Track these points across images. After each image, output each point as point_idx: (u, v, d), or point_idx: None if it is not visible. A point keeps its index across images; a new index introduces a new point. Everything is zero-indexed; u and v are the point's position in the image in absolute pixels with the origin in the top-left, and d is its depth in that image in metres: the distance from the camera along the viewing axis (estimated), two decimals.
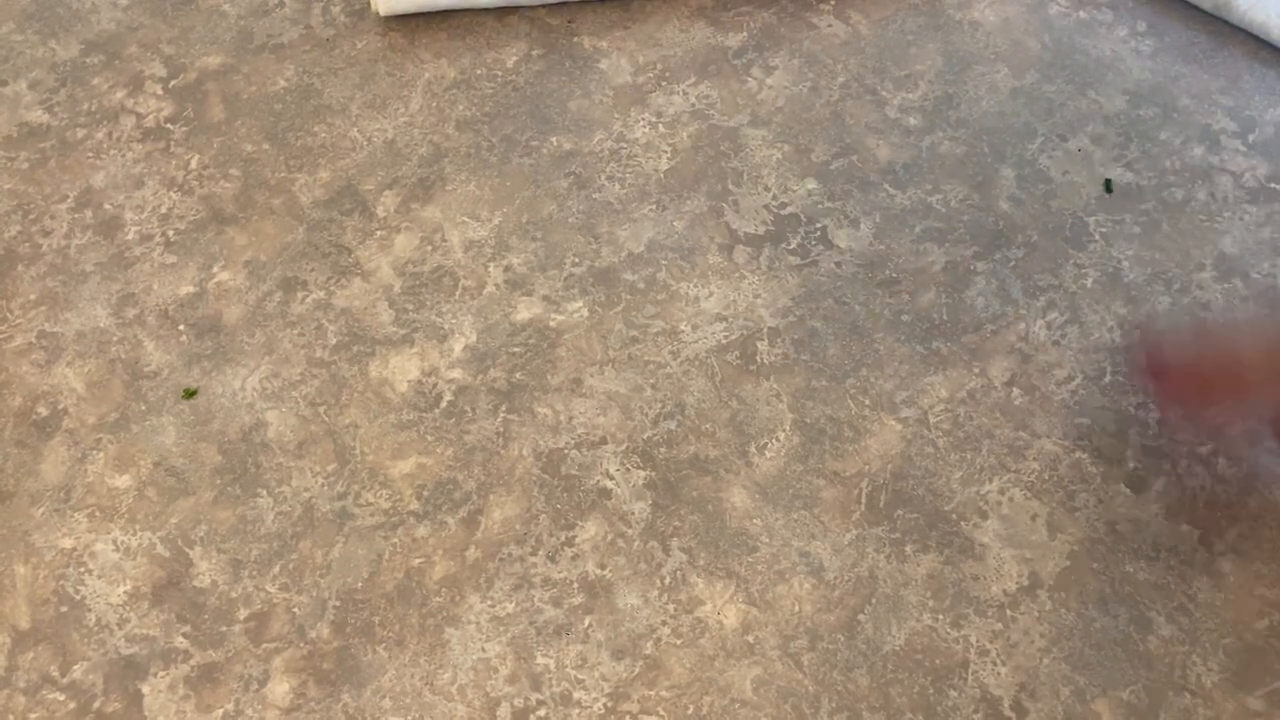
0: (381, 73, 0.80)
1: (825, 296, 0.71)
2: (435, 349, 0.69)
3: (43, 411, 0.67)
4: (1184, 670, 0.59)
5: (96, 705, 0.59)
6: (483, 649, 0.60)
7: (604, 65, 0.80)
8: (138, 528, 0.64)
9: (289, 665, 0.60)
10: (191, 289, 0.71)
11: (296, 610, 0.61)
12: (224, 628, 0.61)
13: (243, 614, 0.61)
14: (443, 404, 0.67)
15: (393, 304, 0.71)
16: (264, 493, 0.65)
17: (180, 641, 0.60)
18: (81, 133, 0.78)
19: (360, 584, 0.62)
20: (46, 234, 0.74)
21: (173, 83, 0.80)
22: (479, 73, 0.80)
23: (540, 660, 0.60)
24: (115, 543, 0.63)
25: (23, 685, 0.59)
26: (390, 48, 0.82)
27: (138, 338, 0.70)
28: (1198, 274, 0.71)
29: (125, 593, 0.62)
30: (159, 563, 0.63)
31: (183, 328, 0.70)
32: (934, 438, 0.66)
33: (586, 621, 0.61)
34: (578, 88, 0.79)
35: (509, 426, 0.66)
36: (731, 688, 0.59)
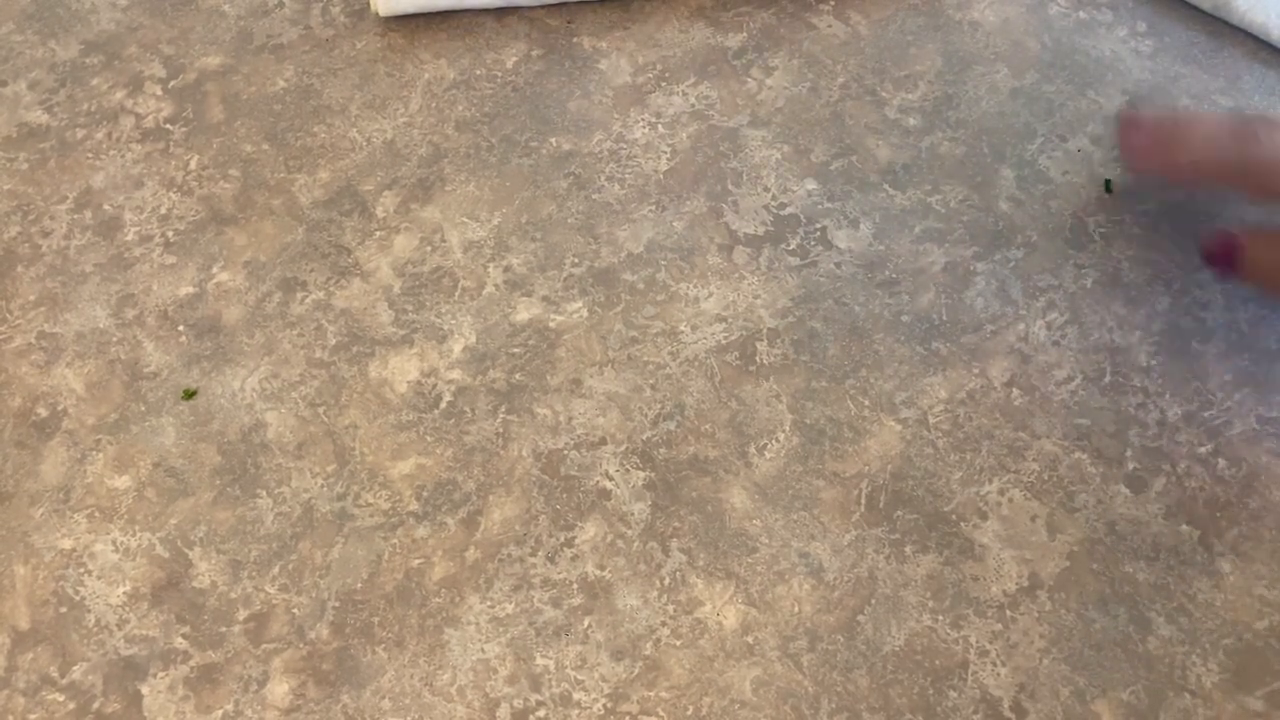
0: (381, 73, 0.80)
1: (825, 297, 0.71)
2: (435, 350, 0.69)
3: (42, 412, 0.67)
4: (1184, 670, 0.59)
5: (96, 706, 0.59)
6: (482, 650, 0.60)
7: (603, 66, 0.81)
8: (137, 528, 0.64)
9: (288, 666, 0.60)
10: (191, 289, 0.71)
11: (296, 611, 0.61)
12: (223, 628, 0.61)
13: (242, 615, 0.61)
14: (442, 405, 0.67)
15: (392, 304, 0.71)
16: (263, 493, 0.65)
17: (180, 642, 0.60)
18: (81, 133, 0.78)
19: (360, 585, 0.62)
20: (46, 235, 0.74)
21: (172, 83, 0.80)
22: (478, 73, 0.80)
23: (540, 661, 0.60)
24: (115, 543, 0.63)
25: (22, 686, 0.59)
26: (390, 48, 0.82)
27: (137, 338, 0.70)
28: (1198, 274, 0.71)
29: (125, 593, 0.62)
30: (158, 563, 0.63)
31: (182, 328, 0.70)
32: (934, 438, 0.66)
33: (586, 622, 0.61)
34: (577, 88, 0.79)
35: (508, 427, 0.66)
36: (731, 688, 0.59)
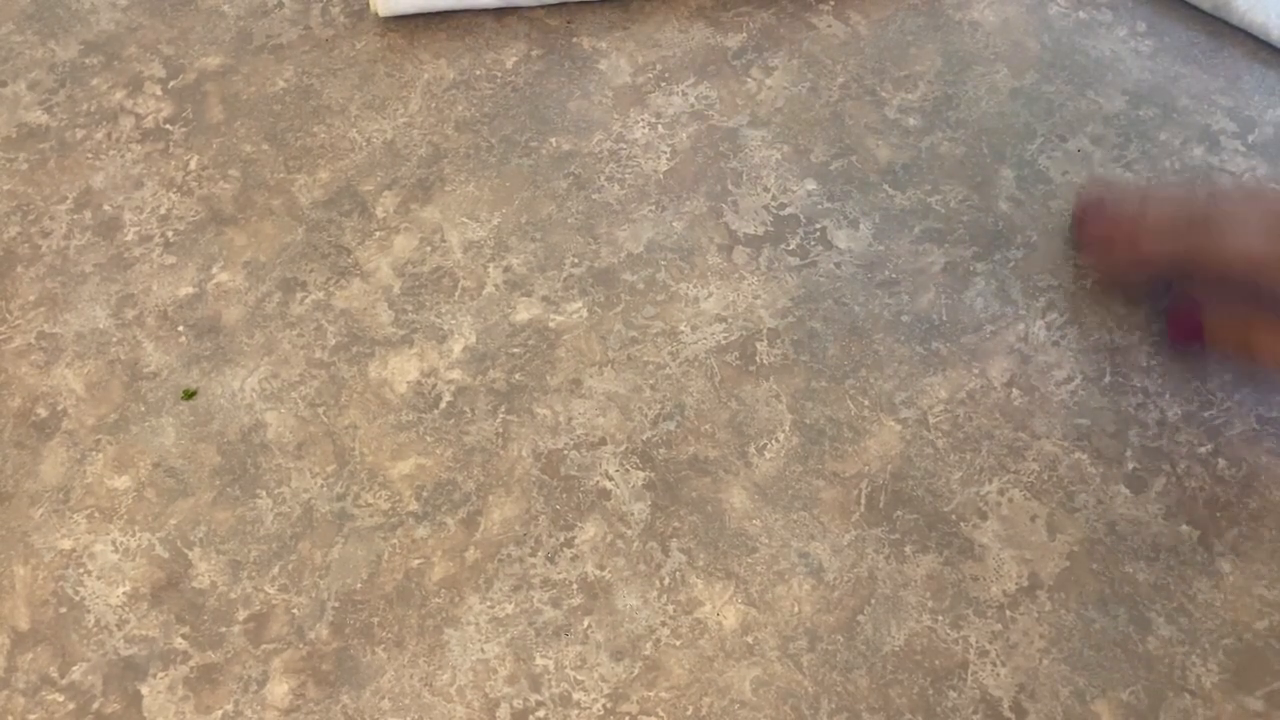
0: (381, 73, 0.80)
1: (825, 297, 0.71)
2: (434, 350, 0.69)
3: (42, 412, 0.67)
4: (1184, 670, 0.59)
5: (96, 706, 0.59)
6: (482, 650, 0.60)
7: (603, 66, 0.80)
8: (137, 529, 0.64)
9: (288, 666, 0.60)
10: (191, 290, 0.71)
11: (296, 611, 0.61)
12: (223, 629, 0.61)
13: (242, 615, 0.61)
14: (442, 405, 0.67)
15: (392, 304, 0.71)
16: (263, 494, 0.65)
17: (179, 642, 0.60)
18: (81, 133, 0.78)
19: (359, 585, 0.62)
20: (46, 235, 0.74)
21: (172, 83, 0.80)
22: (478, 73, 0.80)
23: (539, 661, 0.60)
24: (114, 544, 0.63)
25: (22, 686, 0.59)
26: (389, 48, 0.82)
27: (137, 339, 0.70)
28: None
29: (124, 594, 0.62)
30: (158, 564, 0.63)
31: (182, 328, 0.70)
32: (933, 438, 0.66)
33: (586, 622, 0.61)
34: (577, 88, 0.79)
35: (508, 427, 0.66)
36: (731, 688, 0.59)
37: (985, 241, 0.73)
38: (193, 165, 0.76)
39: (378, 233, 0.73)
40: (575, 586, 0.62)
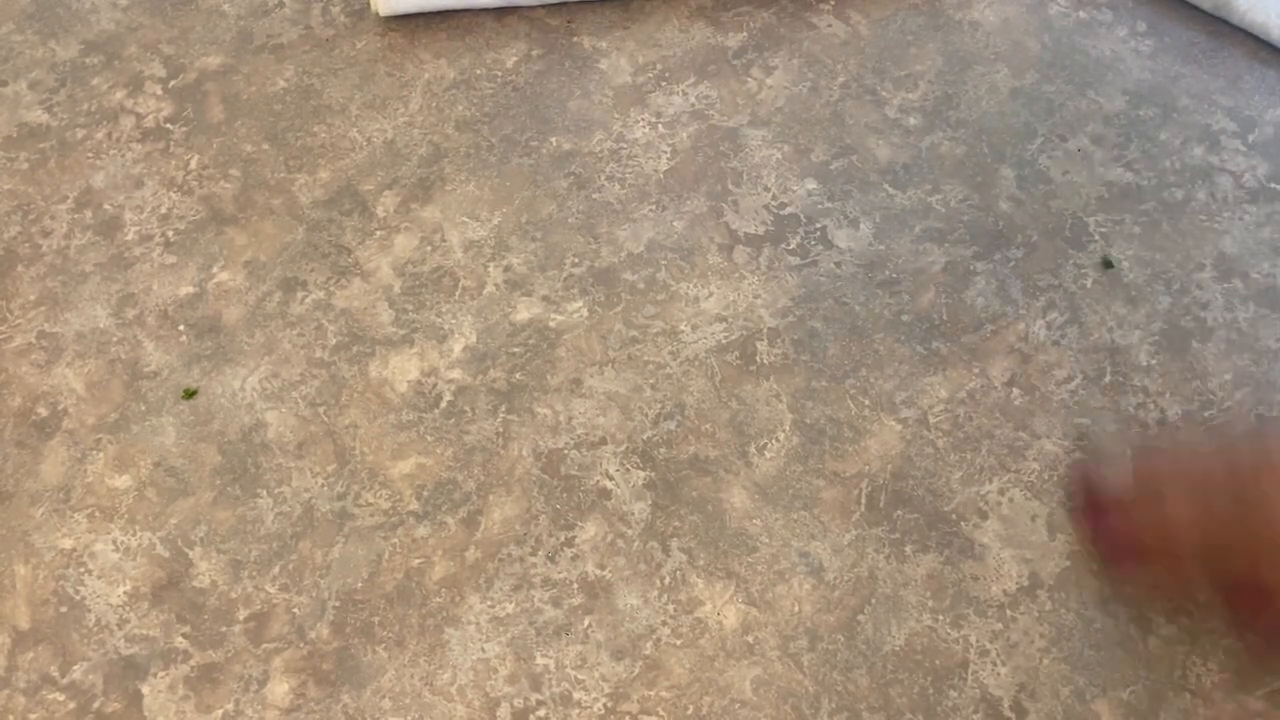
0: (381, 73, 0.80)
1: (825, 297, 0.71)
2: (435, 349, 0.69)
3: (42, 412, 0.67)
4: (1184, 670, 0.59)
5: (96, 705, 0.59)
6: (482, 649, 0.60)
7: (604, 65, 0.81)
8: (137, 528, 0.64)
9: (289, 665, 0.60)
10: (191, 289, 0.71)
11: (296, 610, 0.61)
12: (224, 628, 0.61)
13: (242, 614, 0.61)
14: (442, 404, 0.67)
15: (392, 304, 0.71)
16: (264, 493, 0.65)
17: (180, 642, 0.60)
18: (81, 133, 0.78)
19: (360, 584, 0.62)
20: (46, 234, 0.74)
21: (172, 83, 0.80)
22: (479, 73, 0.80)
23: (540, 661, 0.60)
24: (115, 543, 0.63)
25: (22, 685, 0.59)
26: (390, 48, 0.82)
27: (137, 338, 0.70)
28: (1198, 274, 0.71)
29: (125, 593, 0.62)
30: (159, 563, 0.63)
31: (183, 328, 0.70)
32: (934, 438, 0.66)
33: (586, 622, 0.61)
34: (577, 88, 0.79)
35: (509, 427, 0.66)
36: (731, 688, 0.59)
37: (985, 241, 0.73)
38: (193, 165, 0.76)
39: (378, 232, 0.73)
40: (576, 586, 0.62)
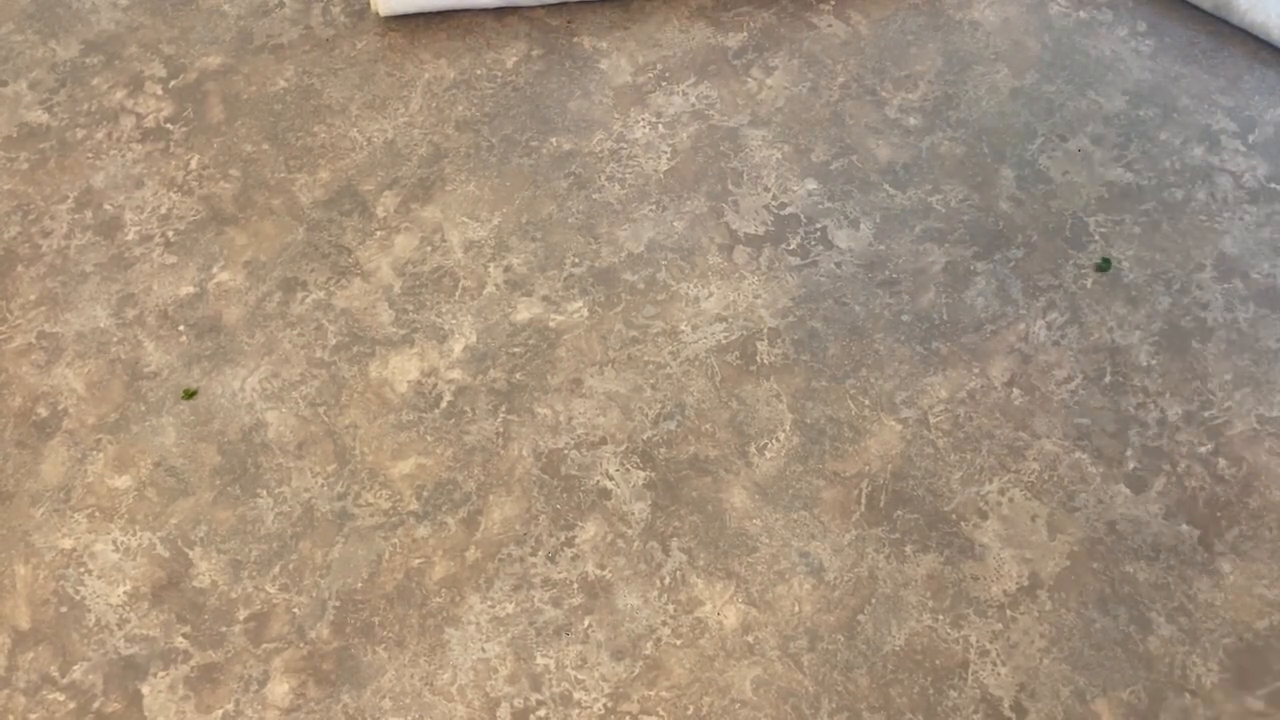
0: (381, 73, 0.80)
1: (825, 297, 0.71)
2: (435, 349, 0.69)
3: (43, 412, 0.67)
4: (1184, 670, 0.59)
5: (96, 705, 0.59)
6: (482, 649, 0.60)
7: (604, 65, 0.81)
8: (137, 528, 0.64)
9: (289, 665, 0.60)
10: (191, 289, 0.71)
11: (296, 610, 0.61)
12: (224, 628, 0.61)
13: (242, 614, 0.61)
14: (442, 404, 0.67)
15: (392, 304, 0.71)
16: (264, 493, 0.65)
17: (180, 642, 0.60)
18: (81, 133, 0.78)
19: (360, 584, 0.62)
20: (46, 234, 0.74)
21: (173, 83, 0.80)
22: (479, 73, 0.80)
23: (540, 660, 0.60)
24: (115, 543, 0.63)
25: (23, 685, 0.59)
26: (390, 48, 0.82)
27: (138, 338, 0.70)
28: (1198, 274, 0.71)
29: (125, 593, 0.62)
30: (159, 563, 0.63)
31: (183, 328, 0.70)
32: (934, 438, 0.66)
33: (586, 622, 0.61)
34: (577, 88, 0.79)
35: (509, 427, 0.66)
36: (731, 688, 0.59)
37: (986, 241, 0.73)
38: (193, 165, 0.76)
39: (378, 232, 0.73)
40: (576, 586, 0.62)
